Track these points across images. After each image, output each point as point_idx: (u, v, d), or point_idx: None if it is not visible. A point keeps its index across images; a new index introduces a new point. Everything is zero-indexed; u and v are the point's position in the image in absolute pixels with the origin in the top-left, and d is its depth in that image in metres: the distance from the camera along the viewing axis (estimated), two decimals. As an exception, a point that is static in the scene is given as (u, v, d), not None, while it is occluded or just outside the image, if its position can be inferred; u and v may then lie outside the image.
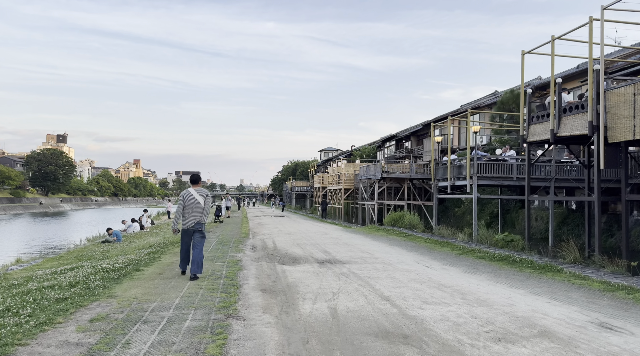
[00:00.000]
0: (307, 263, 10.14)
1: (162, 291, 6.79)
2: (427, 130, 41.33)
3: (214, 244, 13.38)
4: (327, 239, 15.57)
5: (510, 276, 8.40)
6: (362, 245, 13.75)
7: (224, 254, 11.17)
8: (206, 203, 8.02)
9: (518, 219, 23.93)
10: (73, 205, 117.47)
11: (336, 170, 46.13)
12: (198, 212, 7.91)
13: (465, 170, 17.64)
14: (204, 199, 8.01)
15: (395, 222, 20.48)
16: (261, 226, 23.23)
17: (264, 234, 18.00)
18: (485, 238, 13.37)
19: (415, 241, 14.52)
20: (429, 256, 11.21)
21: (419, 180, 31.75)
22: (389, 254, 11.69)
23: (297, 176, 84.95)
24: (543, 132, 13.06)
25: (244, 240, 15.12)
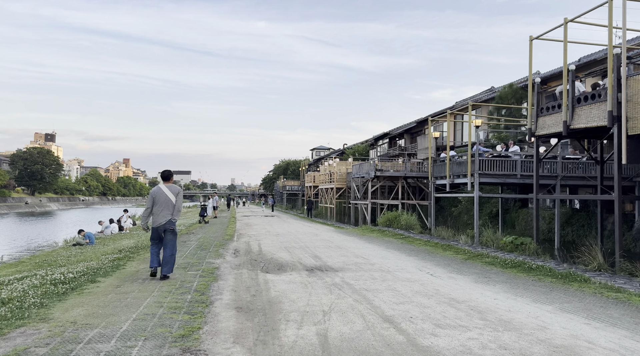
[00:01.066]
0: (295, 270, 8.89)
1: (111, 312, 5.50)
2: (421, 127, 40.25)
3: (192, 248, 12.08)
4: (317, 242, 14.33)
5: (530, 287, 7.21)
6: (356, 249, 12.53)
7: (200, 261, 9.87)
8: (178, 200, 7.73)
9: (518, 219, 22.86)
10: (60, 205, 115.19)
11: (328, 169, 44.90)
12: (169, 210, 7.63)
13: (465, 167, 16.50)
14: (175, 196, 7.72)
15: (390, 222, 19.29)
16: (248, 227, 21.93)
17: (250, 235, 16.71)
18: (490, 241, 12.22)
19: (413, 244, 13.32)
20: (431, 262, 10.01)
21: (413, 179, 30.62)
22: (387, 259, 10.47)
23: (289, 175, 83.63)
24: (554, 124, 11.92)
25: (226, 243, 13.82)
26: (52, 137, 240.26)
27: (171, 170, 8.48)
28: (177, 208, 7.72)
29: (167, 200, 7.66)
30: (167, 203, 7.65)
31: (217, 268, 9.06)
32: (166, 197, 7.67)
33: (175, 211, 7.71)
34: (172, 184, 7.95)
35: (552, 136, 12.34)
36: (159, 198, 7.66)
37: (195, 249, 11.88)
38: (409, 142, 43.12)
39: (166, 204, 7.64)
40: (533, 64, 14.15)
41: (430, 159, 19.11)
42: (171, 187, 7.83)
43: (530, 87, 13.08)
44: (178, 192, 7.79)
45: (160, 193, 7.70)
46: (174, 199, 7.70)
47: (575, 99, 11.23)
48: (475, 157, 15.52)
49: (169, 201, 7.66)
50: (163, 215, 7.62)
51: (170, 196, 7.70)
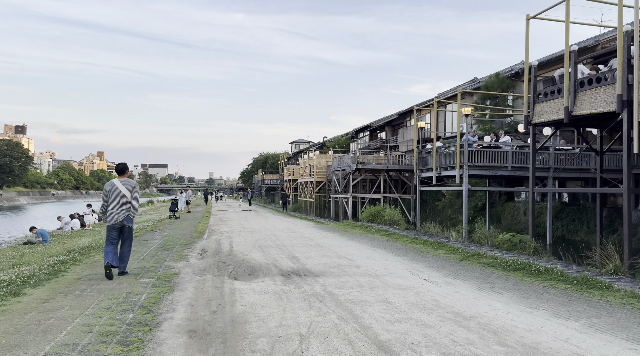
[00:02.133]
0: (268, 276, 7.65)
1: (19, 341, 4.17)
2: (402, 119, 39.31)
3: (153, 249, 10.70)
4: (296, 240, 13.10)
5: (544, 296, 6.14)
6: (338, 247, 11.35)
7: (158, 265, 8.53)
8: (134, 195, 7.39)
9: (504, 214, 22.09)
10: (30, 199, 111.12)
11: (307, 162, 43.65)
12: (125, 206, 7.30)
13: (453, 159, 15.48)
14: (130, 191, 7.38)
15: (373, 217, 18.19)
16: (223, 223, 20.55)
17: (222, 232, 15.37)
18: (484, 238, 11.20)
19: (400, 242, 12.21)
20: (423, 263, 8.89)
21: (395, 172, 29.65)
22: (373, 260, 9.32)
23: (268, 168, 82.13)
24: (553, 111, 10.93)
25: (194, 242, 12.47)
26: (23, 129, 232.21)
27: (126, 163, 7.73)
28: (134, 204, 7.39)
29: (122, 196, 7.29)
30: (121, 198, 7.29)
31: (177, 273, 7.74)
32: (120, 193, 7.28)
33: (133, 207, 7.37)
34: (128, 179, 7.50)
35: (551, 123, 11.36)
36: (113, 194, 7.27)
37: (156, 250, 10.51)
38: (390, 134, 42.17)
39: (121, 200, 7.28)
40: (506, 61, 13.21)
41: (416, 150, 18.06)
42: (126, 182, 7.42)
43: (526, 71, 12.07)
44: (133, 187, 7.42)
45: (114, 188, 7.31)
46: (129, 195, 7.34)
47: (578, 83, 10.24)
48: (465, 148, 14.50)
49: (124, 196, 7.30)
50: (119, 212, 7.26)
51: (125, 191, 7.32)
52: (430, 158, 17.02)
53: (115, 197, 7.25)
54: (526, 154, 15.17)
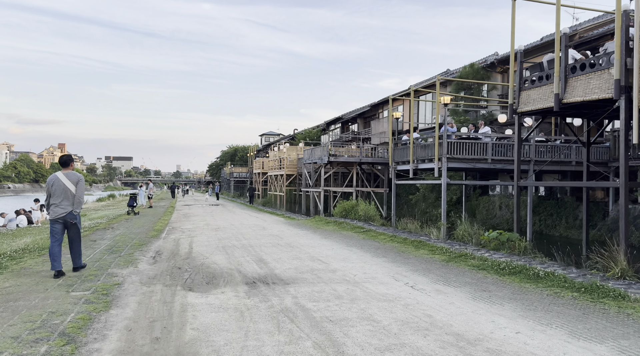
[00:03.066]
0: (230, 284, 6.53)
1: None
2: (375, 111, 38.56)
3: (99, 252, 9.36)
4: (264, 239, 11.98)
5: (552, 308, 5.27)
6: (310, 247, 10.30)
7: (99, 272, 7.26)
8: (78, 189, 7.03)
9: (479, 208, 21.58)
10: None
11: (278, 154, 42.39)
12: (69, 200, 6.96)
13: (431, 151, 14.66)
14: (75, 185, 7.01)
15: (347, 213, 17.24)
16: (186, 219, 19.18)
17: (183, 230, 14.07)
18: (468, 236, 10.38)
19: (377, 240, 11.27)
20: (406, 266, 7.96)
21: (368, 165, 28.84)
22: (350, 262, 8.32)
23: (237, 161, 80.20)
24: (540, 98, 10.17)
25: (149, 242, 11.17)
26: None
27: (71, 155, 7.55)
28: (77, 198, 7.01)
29: (66, 189, 6.94)
30: (65, 192, 6.93)
31: (120, 284, 6.52)
32: (64, 186, 6.94)
33: (76, 202, 7.00)
34: (72, 172, 7.15)
35: (539, 112, 10.61)
36: (56, 187, 6.93)
37: (102, 253, 9.18)
38: (362, 126, 41.38)
39: (65, 193, 6.92)
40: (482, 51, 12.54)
41: (391, 142, 17.17)
42: (70, 174, 7.07)
43: (512, 57, 11.27)
44: (78, 180, 7.04)
45: (57, 181, 6.95)
46: (73, 189, 6.98)
47: (570, 68, 9.49)
48: (444, 140, 13.68)
49: (68, 190, 6.94)
50: (62, 206, 6.91)
51: (69, 184, 6.97)
52: (407, 150, 16.17)
53: (58, 191, 6.91)
54: (506, 146, 14.52)
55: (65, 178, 7.00)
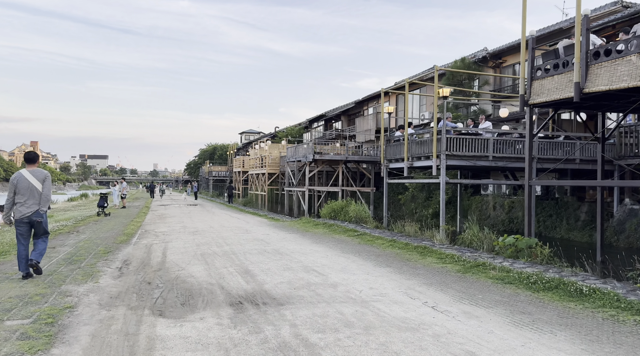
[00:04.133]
0: (211, 305, 5.31)
1: None
2: (359, 108, 37.54)
3: (55, 261, 7.96)
4: (248, 244, 10.74)
5: (623, 341, 4.21)
6: (302, 254, 9.11)
7: (50, 289, 5.92)
8: (45, 186, 6.71)
9: (471, 208, 20.71)
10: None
11: (259, 152, 41.02)
12: (35, 198, 6.62)
13: (427, 147, 13.63)
14: (41, 182, 6.70)
15: (336, 214, 16.11)
16: (161, 220, 17.75)
17: (157, 234, 12.71)
18: (477, 240, 9.36)
19: (376, 245, 10.15)
20: (416, 278, 6.85)
21: (354, 163, 27.78)
22: (352, 274, 7.17)
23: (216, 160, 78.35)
24: (556, 88, 9.20)
25: (117, 248, 9.80)
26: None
27: (35, 152, 7.18)
28: (44, 197, 6.67)
29: (31, 187, 6.61)
30: (31, 190, 6.60)
31: (73, 306, 5.22)
32: (29, 183, 6.61)
33: (43, 200, 6.66)
34: (38, 169, 6.82)
35: (554, 104, 9.64)
36: (21, 185, 6.58)
37: (60, 263, 7.81)
38: (346, 124, 40.33)
39: (30, 192, 6.60)
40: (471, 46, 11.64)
41: (383, 139, 16.09)
42: (36, 172, 6.73)
43: (523, 43, 10.28)
44: (45, 177, 6.73)
45: (22, 179, 6.62)
46: (39, 186, 6.64)
47: (592, 54, 8.53)
48: (443, 135, 12.66)
49: (34, 188, 6.62)
50: (28, 205, 6.57)
51: (35, 182, 6.63)
52: (400, 147, 15.13)
53: (23, 189, 6.55)
54: (507, 143, 13.59)
55: (30, 175, 6.64)
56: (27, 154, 6.88)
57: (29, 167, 6.78)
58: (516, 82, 21.35)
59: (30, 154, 6.88)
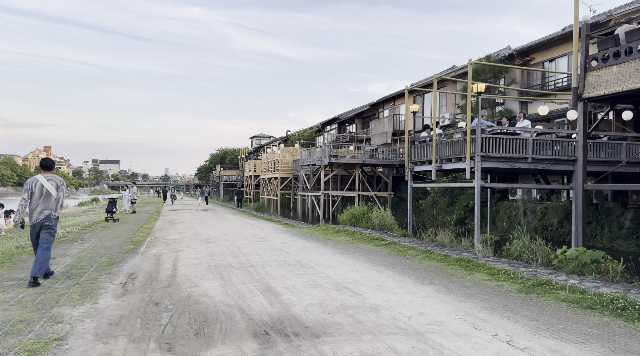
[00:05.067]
0: (231, 337, 4.31)
1: None
2: (374, 111, 36.50)
3: (54, 275, 7.01)
4: (267, 254, 9.73)
5: None
6: (329, 267, 8.08)
7: (39, 311, 4.95)
8: (59, 192, 6.72)
9: (499, 214, 19.50)
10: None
11: (271, 156, 40.11)
12: (48, 204, 6.63)
13: (459, 148, 12.54)
14: (56, 188, 6.70)
15: (356, 220, 15.05)
16: (171, 227, 16.83)
17: (167, 242, 11.76)
18: (529, 253, 8.23)
19: (409, 256, 9.08)
20: (471, 300, 5.78)
21: (370, 167, 26.71)
22: (391, 293, 6.12)
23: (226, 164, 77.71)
24: (618, 79, 8.09)
25: (123, 259, 8.85)
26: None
27: (52, 159, 7.38)
28: (58, 202, 6.75)
29: (46, 193, 6.66)
30: (45, 196, 6.66)
31: (63, 338, 4.24)
32: (44, 189, 6.66)
33: (56, 206, 6.73)
34: (53, 175, 6.91)
35: (613, 97, 8.52)
36: (36, 190, 6.64)
37: (57, 278, 6.85)
38: (360, 127, 39.29)
39: (44, 197, 6.65)
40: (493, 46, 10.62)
41: (408, 140, 15.02)
42: (51, 178, 6.81)
43: (575, 31, 9.17)
44: (60, 184, 6.80)
45: (38, 184, 6.66)
46: (54, 192, 6.71)
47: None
48: (477, 135, 11.56)
49: (48, 194, 6.67)
50: (40, 210, 6.60)
51: (50, 188, 6.69)
52: (427, 149, 14.05)
53: (38, 194, 6.61)
54: (545, 144, 12.44)
55: (46, 181, 6.68)
56: (44, 161, 7.01)
57: (44, 173, 6.83)
58: (546, 81, 20.18)
59: (46, 161, 7.00)
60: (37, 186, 6.62)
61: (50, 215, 6.60)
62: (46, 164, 6.93)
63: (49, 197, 6.62)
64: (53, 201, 6.65)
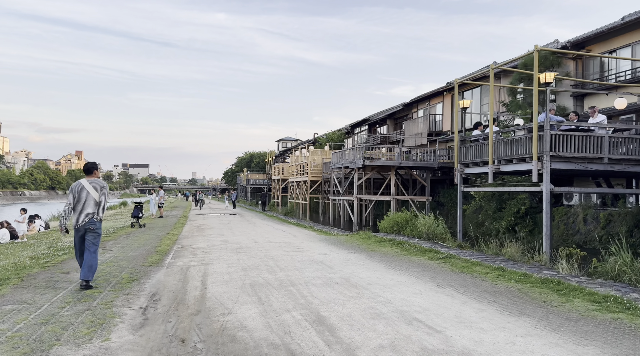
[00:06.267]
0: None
1: None
2: (408, 111, 34.94)
3: (62, 296, 5.92)
4: (307, 268, 8.48)
5: None
6: (385, 288, 6.76)
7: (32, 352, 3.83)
8: (102, 196, 6.84)
9: (553, 221, 17.73)
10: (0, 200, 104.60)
11: (300, 159, 39.01)
12: (91, 207, 6.74)
13: (521, 147, 11.04)
14: (98, 192, 6.83)
15: (399, 228, 13.65)
16: (199, 233, 15.82)
17: (195, 252, 10.66)
18: (634, 273, 6.70)
19: (477, 275, 7.67)
20: (593, 345, 4.37)
21: (407, 169, 25.24)
22: (480, 330, 4.76)
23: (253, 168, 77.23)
24: None
25: (146, 273, 7.74)
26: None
27: (95, 163, 7.06)
28: (100, 205, 6.80)
29: (89, 197, 6.72)
30: (88, 199, 6.71)
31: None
32: (87, 193, 6.72)
33: (99, 210, 6.78)
34: (96, 179, 6.92)
35: None
36: (79, 194, 6.71)
37: (66, 300, 5.76)
38: (392, 128, 37.79)
39: (87, 201, 6.71)
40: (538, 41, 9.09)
41: (458, 138, 13.55)
42: (94, 182, 6.84)
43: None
44: (102, 187, 6.86)
45: (81, 188, 6.75)
46: (97, 196, 6.76)
47: None
48: (546, 131, 10.05)
49: (91, 197, 6.72)
50: (84, 214, 6.66)
51: (93, 192, 6.75)
52: (480, 149, 12.57)
53: (81, 198, 6.72)
54: (621, 142, 10.81)
55: (89, 185, 6.79)
56: (86, 165, 7.01)
57: (87, 177, 6.91)
58: (605, 74, 18.37)
59: (88, 165, 6.99)
60: (81, 190, 6.74)
61: (93, 218, 6.68)
62: (86, 168, 7.00)
63: (91, 200, 6.72)
64: (96, 205, 6.74)
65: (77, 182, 6.93)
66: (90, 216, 6.67)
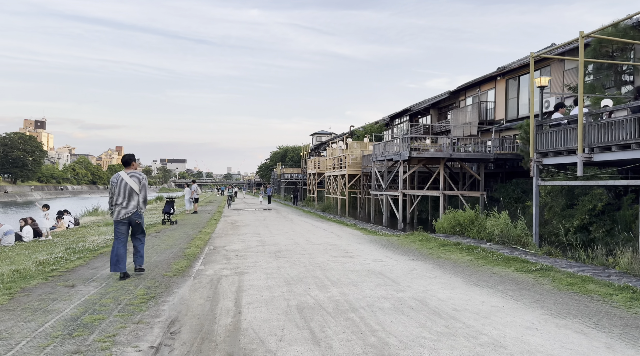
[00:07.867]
0: None
1: None
2: (454, 99, 32.52)
3: (52, 324, 4.45)
4: (365, 282, 6.76)
5: None
6: (484, 320, 4.97)
7: None
8: (142, 188, 6.80)
9: (637, 220, 15.29)
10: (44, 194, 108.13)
11: (337, 152, 37.27)
12: (133, 200, 6.72)
13: (622, 131, 8.92)
14: (138, 184, 6.76)
15: (462, 229, 11.72)
16: (234, 231, 14.39)
17: (228, 254, 9.14)
18: None
19: (597, 296, 5.75)
20: None
21: (458, 162, 23.09)
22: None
23: (287, 162, 76.12)
24: None
25: (169, 286, 6.22)
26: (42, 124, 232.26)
27: (133, 154, 7.07)
28: (142, 198, 6.77)
29: (129, 189, 6.69)
30: (129, 192, 6.69)
31: None
32: (127, 185, 6.68)
33: (141, 202, 6.77)
34: (135, 171, 6.89)
35: None
36: (119, 187, 6.67)
37: (56, 331, 4.26)
38: (435, 119, 35.46)
39: (128, 193, 6.68)
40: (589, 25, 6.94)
41: (533, 124, 11.46)
42: (133, 174, 6.81)
43: None
44: (142, 179, 6.82)
45: (120, 180, 6.70)
46: (137, 188, 6.73)
47: None
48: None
49: (131, 190, 6.69)
50: (126, 206, 6.68)
51: (132, 184, 6.70)
52: (565, 134, 10.48)
53: (122, 190, 6.65)
54: None
55: (128, 177, 6.72)
56: (123, 157, 6.99)
57: (126, 169, 6.87)
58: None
59: (125, 157, 6.97)
60: (120, 182, 6.68)
61: (137, 211, 6.70)
62: (124, 160, 6.96)
63: (132, 192, 6.68)
64: (137, 197, 6.71)
65: (115, 174, 6.82)
66: (134, 209, 6.69)
